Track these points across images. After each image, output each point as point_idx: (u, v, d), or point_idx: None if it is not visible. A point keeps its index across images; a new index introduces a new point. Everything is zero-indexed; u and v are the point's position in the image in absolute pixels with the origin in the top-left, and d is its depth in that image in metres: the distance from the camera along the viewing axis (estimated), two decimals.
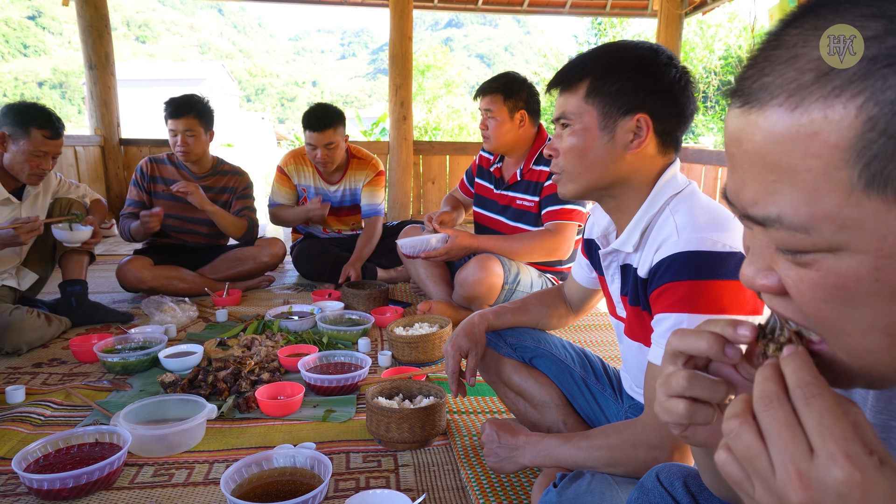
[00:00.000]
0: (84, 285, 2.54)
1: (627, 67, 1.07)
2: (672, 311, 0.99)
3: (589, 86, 1.09)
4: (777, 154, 0.41)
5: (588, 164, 1.12)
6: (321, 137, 3.09)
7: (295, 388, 1.85)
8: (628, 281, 1.17)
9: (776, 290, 0.47)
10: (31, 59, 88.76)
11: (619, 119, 1.08)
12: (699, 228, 1.00)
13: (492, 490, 1.39)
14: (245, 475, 1.34)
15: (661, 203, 1.09)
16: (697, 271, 0.97)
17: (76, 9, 5.30)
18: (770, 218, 0.43)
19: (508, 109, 2.58)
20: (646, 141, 1.08)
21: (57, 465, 1.39)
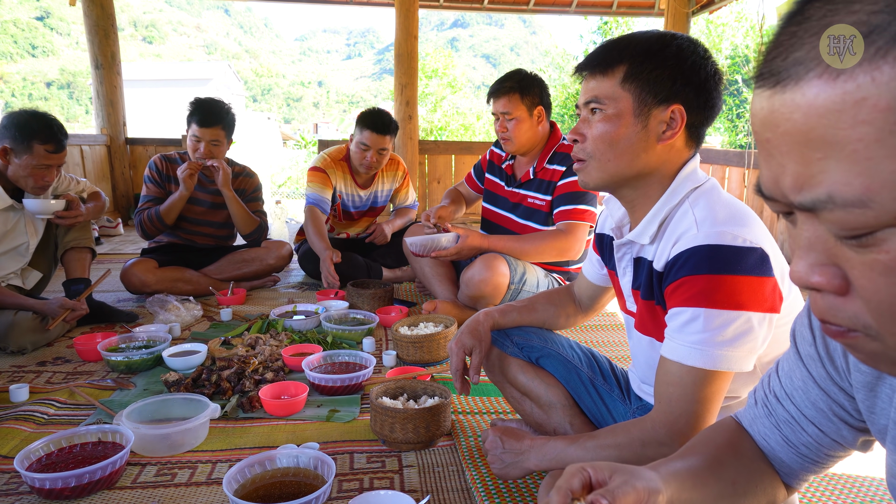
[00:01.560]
0: (87, 283, 2.54)
1: (668, 56, 1.05)
2: (689, 305, 0.98)
3: (627, 70, 1.06)
4: (822, 128, 0.38)
5: (619, 152, 1.09)
6: (379, 141, 3.12)
7: (299, 387, 1.84)
8: (641, 274, 1.15)
9: (836, 287, 0.43)
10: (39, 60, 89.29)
11: (653, 108, 1.06)
12: (719, 223, 0.99)
13: (497, 491, 1.38)
14: (248, 475, 1.33)
15: (681, 196, 1.08)
16: (716, 265, 0.95)
17: (83, 8, 5.33)
18: (820, 200, 0.40)
19: (527, 107, 2.54)
20: (678, 132, 1.07)
21: (59, 464, 1.38)
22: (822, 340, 0.68)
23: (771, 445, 0.75)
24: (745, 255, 0.95)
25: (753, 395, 0.80)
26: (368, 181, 3.41)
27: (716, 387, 0.98)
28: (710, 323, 0.95)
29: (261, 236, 3.19)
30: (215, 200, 3.08)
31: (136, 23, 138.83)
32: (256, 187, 3.23)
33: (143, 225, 2.93)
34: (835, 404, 0.68)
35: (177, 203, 2.90)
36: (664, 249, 1.06)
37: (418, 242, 2.41)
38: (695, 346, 0.97)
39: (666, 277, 1.04)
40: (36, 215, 2.43)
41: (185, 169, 2.86)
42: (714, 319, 0.95)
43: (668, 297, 1.03)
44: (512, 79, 2.57)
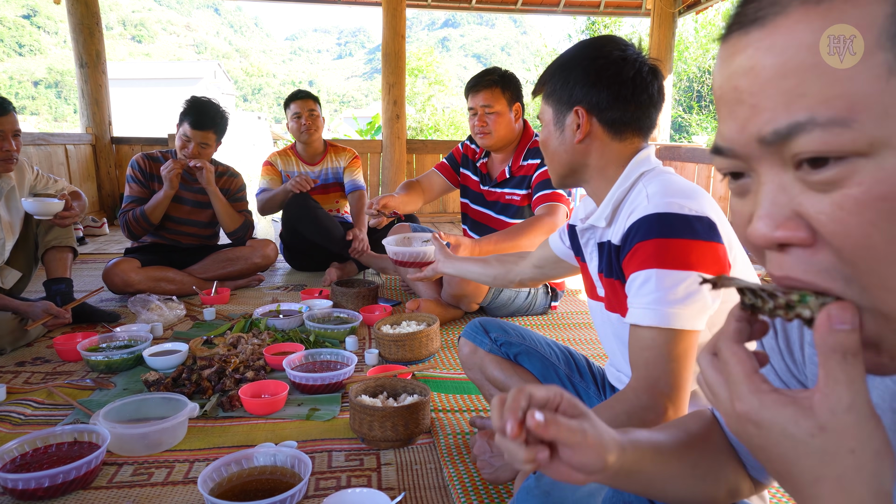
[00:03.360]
0: (69, 283, 2.52)
1: (571, 67, 1.16)
2: (642, 268, 1.03)
3: (546, 89, 1.22)
4: (802, 55, 0.38)
5: (551, 155, 1.24)
6: (304, 104, 3.52)
7: (279, 386, 1.83)
8: (604, 256, 1.20)
9: (803, 238, 0.41)
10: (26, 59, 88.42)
11: (565, 114, 1.18)
12: (668, 195, 1.05)
13: (473, 488, 1.38)
14: (224, 474, 1.32)
15: (634, 179, 1.15)
16: (665, 230, 1.01)
17: (67, 7, 5.28)
18: (799, 123, 0.39)
19: (507, 101, 2.58)
20: (588, 130, 1.16)
21: (34, 464, 1.37)
22: (782, 333, 0.69)
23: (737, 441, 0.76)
24: (692, 222, 1.01)
25: None
26: (314, 158, 3.65)
27: (683, 346, 1.00)
28: (662, 283, 1.00)
29: (245, 235, 3.18)
30: (200, 199, 3.07)
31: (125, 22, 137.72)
32: (241, 187, 3.23)
33: (129, 225, 2.92)
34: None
35: (162, 202, 2.89)
36: (620, 226, 1.12)
37: (401, 252, 2.15)
38: (649, 307, 1.01)
39: (623, 249, 1.10)
40: (35, 216, 2.42)
41: (170, 168, 2.84)
42: (665, 279, 1.00)
43: (626, 266, 1.08)
44: (493, 73, 2.60)
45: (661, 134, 6.57)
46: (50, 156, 4.88)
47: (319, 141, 3.64)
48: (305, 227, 3.29)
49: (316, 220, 3.24)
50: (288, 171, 3.62)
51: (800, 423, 0.42)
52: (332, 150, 3.71)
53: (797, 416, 0.42)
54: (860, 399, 0.41)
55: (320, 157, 3.68)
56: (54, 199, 2.38)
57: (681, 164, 6.06)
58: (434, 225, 5.54)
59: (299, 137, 3.55)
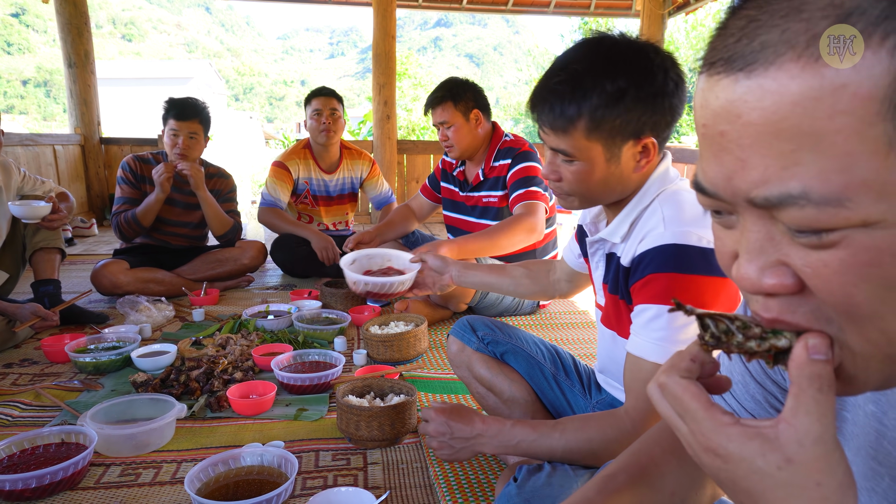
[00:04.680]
0: (57, 285, 2.52)
1: (627, 99, 1.01)
2: (654, 302, 1.00)
3: (588, 125, 1.04)
4: (796, 117, 0.35)
5: (597, 191, 1.11)
6: (327, 102, 3.32)
7: (267, 386, 1.84)
8: (611, 269, 1.17)
9: (790, 287, 0.40)
10: (14, 58, 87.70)
11: (623, 145, 1.06)
12: (684, 222, 1.01)
13: (458, 486, 1.40)
14: (211, 474, 1.34)
15: (652, 196, 1.10)
16: (681, 264, 0.98)
17: (55, 6, 5.26)
18: (790, 196, 0.37)
19: (462, 113, 2.63)
20: (653, 159, 1.08)
21: (21, 465, 1.37)
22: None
23: None
24: (708, 256, 0.97)
25: None
26: (333, 166, 3.52)
27: None
28: (673, 321, 0.98)
29: (234, 237, 3.19)
30: (190, 201, 3.08)
31: (115, 20, 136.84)
32: (231, 188, 3.24)
33: (121, 228, 2.93)
34: (770, 396, 0.71)
35: (153, 206, 2.90)
36: (631, 246, 1.09)
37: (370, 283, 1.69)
38: (657, 343, 0.99)
39: (632, 274, 1.06)
40: (23, 220, 2.41)
41: (161, 172, 2.85)
42: (677, 318, 0.97)
43: (635, 293, 1.05)
44: (443, 88, 2.66)
45: None
46: (38, 156, 4.85)
47: (337, 145, 3.50)
48: (299, 267, 3.37)
49: (310, 262, 3.25)
50: (304, 177, 3.46)
51: (766, 456, 0.41)
52: (346, 155, 3.58)
53: (763, 448, 0.41)
54: (828, 431, 0.40)
55: (337, 166, 3.54)
56: (41, 203, 2.37)
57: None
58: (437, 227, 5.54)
59: (317, 138, 3.38)
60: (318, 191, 3.51)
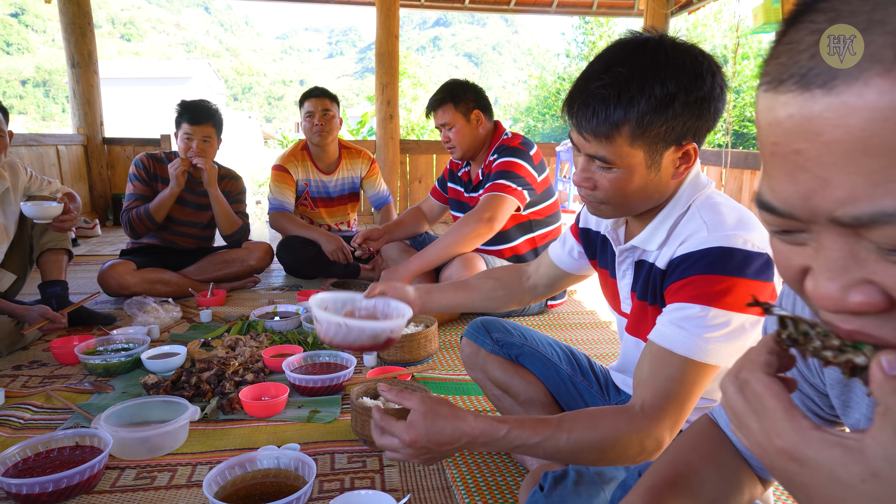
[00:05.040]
0: (64, 286, 2.51)
1: (676, 105, 0.97)
2: (696, 302, 0.98)
3: (632, 131, 0.99)
4: (886, 133, 0.34)
5: (634, 198, 1.07)
6: (319, 103, 3.30)
7: (279, 388, 1.83)
8: (641, 276, 1.15)
9: (880, 305, 0.38)
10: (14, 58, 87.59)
11: (665, 151, 1.02)
12: (729, 227, 1.00)
13: (477, 490, 1.39)
14: (228, 477, 1.33)
15: (686, 202, 1.08)
16: (728, 267, 0.97)
17: (58, 6, 5.25)
18: (885, 214, 0.35)
19: (462, 114, 2.64)
20: (692, 164, 1.05)
21: (36, 469, 1.36)
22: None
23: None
24: (753, 260, 0.97)
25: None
26: (331, 167, 3.51)
27: (702, 376, 0.98)
28: (713, 320, 0.96)
29: (242, 238, 3.19)
30: (201, 202, 3.09)
31: (114, 20, 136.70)
32: (241, 190, 3.26)
33: (132, 223, 2.92)
34: (807, 399, 0.70)
35: (167, 201, 2.90)
36: (669, 250, 1.07)
37: (335, 333, 1.23)
38: (690, 337, 0.97)
39: (670, 275, 1.05)
40: (35, 220, 2.41)
41: (177, 165, 2.87)
42: (717, 318, 0.96)
43: (672, 293, 1.03)
44: (443, 90, 2.68)
45: None
46: (41, 157, 4.84)
47: (334, 145, 3.49)
48: (304, 268, 3.34)
49: (316, 263, 3.23)
50: (303, 178, 3.47)
51: (849, 467, 0.40)
52: (345, 154, 3.57)
53: (846, 458, 0.40)
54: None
55: (335, 166, 3.54)
56: (53, 203, 2.36)
57: None
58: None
59: (311, 138, 3.40)
60: (317, 192, 3.51)
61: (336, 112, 3.38)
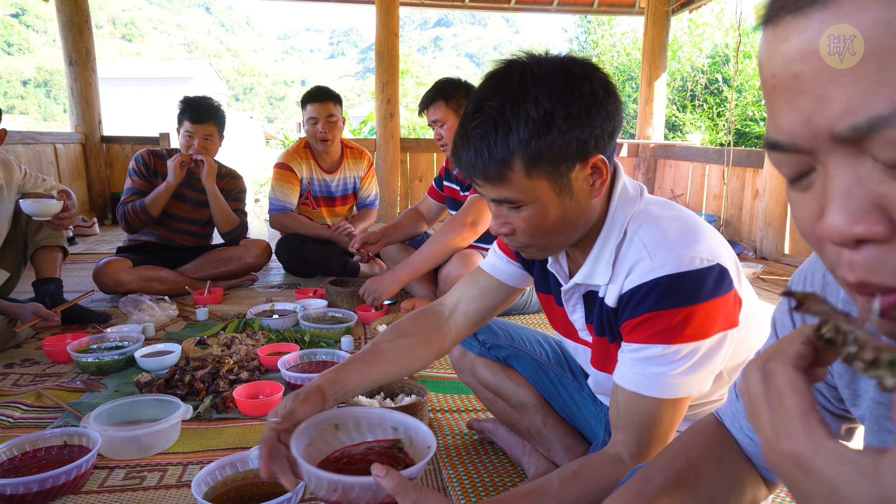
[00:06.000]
0: (59, 284, 2.48)
1: (553, 117, 0.89)
2: (653, 343, 0.91)
3: (525, 162, 0.91)
4: (878, 35, 0.34)
5: (557, 231, 0.98)
6: (322, 108, 3.21)
7: (274, 387, 1.80)
8: (594, 309, 1.06)
9: (884, 232, 0.37)
10: (14, 58, 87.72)
11: (570, 172, 0.93)
12: (673, 246, 0.91)
13: (473, 489, 1.36)
14: (219, 477, 1.29)
15: (621, 225, 0.99)
16: (679, 297, 0.89)
17: (56, 4, 5.23)
18: (880, 117, 0.35)
19: (453, 111, 2.63)
20: (607, 178, 0.96)
21: (23, 468, 1.33)
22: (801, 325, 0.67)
23: (754, 439, 0.73)
24: (705, 278, 0.90)
25: (733, 390, 0.78)
26: (334, 166, 3.46)
27: (679, 410, 0.95)
28: (677, 355, 0.91)
29: (239, 235, 3.17)
30: (201, 199, 3.07)
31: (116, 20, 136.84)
32: (241, 189, 3.24)
33: (128, 216, 2.90)
34: (818, 394, 0.68)
35: (162, 195, 2.87)
36: (615, 285, 0.99)
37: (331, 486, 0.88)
38: (657, 378, 0.92)
39: (622, 313, 0.97)
40: (34, 217, 2.37)
41: (176, 157, 2.86)
42: (678, 353, 0.91)
43: (627, 332, 0.96)
44: (434, 88, 2.68)
45: (655, 133, 6.57)
46: (39, 155, 4.82)
47: (337, 145, 3.44)
48: (303, 266, 3.31)
49: (315, 261, 3.20)
50: (306, 177, 3.40)
51: (857, 487, 0.37)
52: (348, 154, 3.51)
53: (856, 477, 0.37)
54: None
55: (338, 165, 3.48)
56: (52, 200, 2.34)
57: (675, 163, 6.07)
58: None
59: (315, 144, 3.33)
60: (319, 191, 3.47)
61: (339, 115, 3.31)
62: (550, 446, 1.37)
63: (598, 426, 1.33)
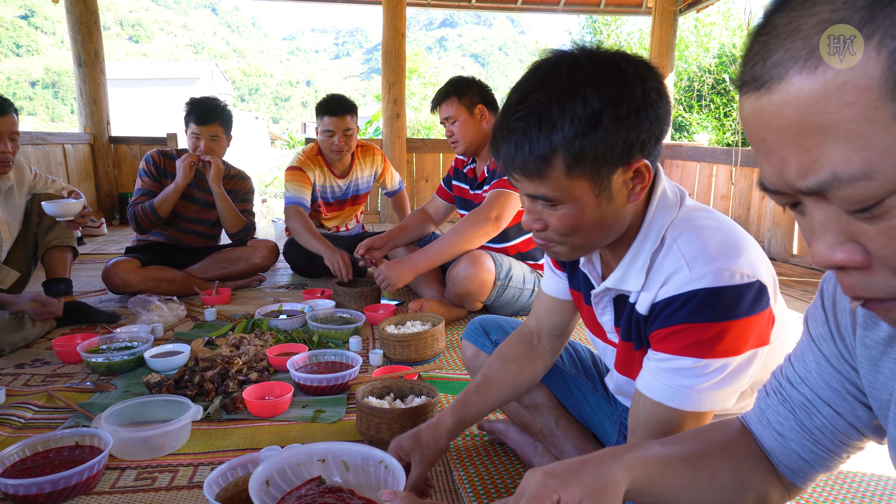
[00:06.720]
0: (69, 284, 2.49)
1: (601, 117, 0.86)
2: (683, 355, 0.89)
3: (567, 160, 0.88)
4: (813, 116, 0.41)
5: (589, 232, 0.95)
6: (340, 122, 3.15)
7: (283, 387, 1.80)
8: (623, 313, 1.05)
9: (858, 261, 0.45)
10: (23, 59, 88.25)
11: (612, 174, 0.90)
12: (713, 258, 0.88)
13: (485, 492, 1.35)
14: (230, 478, 1.29)
15: (659, 231, 0.96)
16: (716, 312, 0.86)
17: (65, 5, 5.25)
18: (826, 181, 0.42)
19: (466, 108, 2.62)
20: (648, 183, 0.93)
21: (35, 469, 1.34)
22: (833, 319, 0.69)
23: (784, 435, 0.74)
24: (744, 295, 0.87)
25: (764, 388, 0.78)
26: (346, 170, 3.43)
27: (700, 423, 0.93)
28: (704, 370, 0.89)
29: (247, 236, 3.17)
30: (209, 200, 3.08)
31: (123, 22, 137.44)
32: (249, 190, 3.25)
33: (137, 218, 2.91)
34: (848, 382, 0.69)
35: (171, 195, 2.88)
36: (649, 293, 0.96)
37: None
38: (682, 390, 0.90)
39: (653, 321, 0.95)
40: (56, 218, 2.40)
41: (185, 157, 2.86)
42: (708, 367, 0.89)
43: (657, 341, 0.94)
44: (448, 85, 2.68)
45: None
46: (48, 155, 4.84)
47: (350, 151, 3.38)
48: (311, 267, 3.31)
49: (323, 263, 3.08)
50: (321, 185, 3.35)
51: None
52: (358, 154, 3.45)
53: None
54: None
55: (349, 169, 3.44)
56: (72, 200, 2.37)
57: (682, 164, 6.04)
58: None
59: (329, 155, 3.27)
60: (332, 197, 3.44)
61: (356, 127, 3.24)
62: (563, 447, 1.36)
63: (612, 427, 1.32)
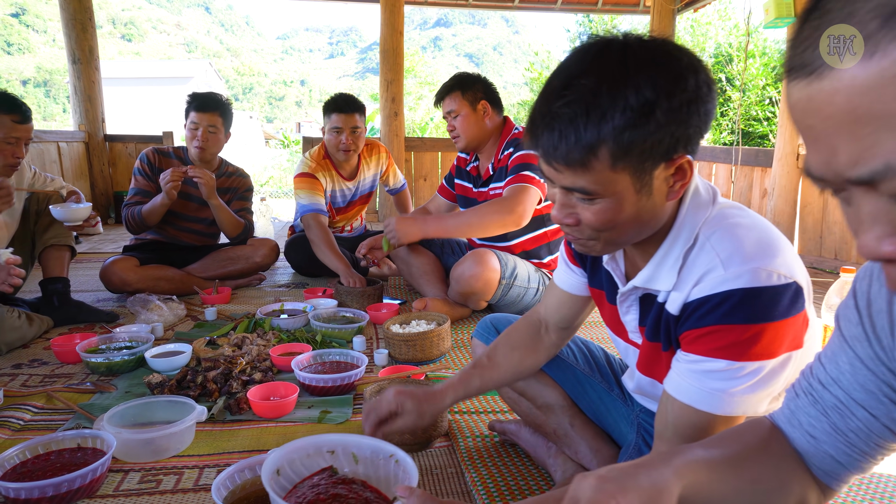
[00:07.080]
0: (66, 283, 2.45)
1: (654, 109, 0.82)
2: (717, 357, 0.86)
3: (613, 152, 0.83)
4: (866, 105, 0.40)
5: (628, 228, 0.92)
6: (348, 120, 3.10)
7: (288, 388, 1.77)
8: (649, 313, 1.01)
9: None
10: (14, 58, 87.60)
11: (654, 169, 0.86)
12: (749, 258, 0.85)
13: (498, 493, 1.33)
14: (238, 481, 1.26)
15: (692, 230, 0.93)
16: (752, 314, 0.83)
17: (59, 2, 5.19)
18: (878, 171, 0.42)
19: (469, 102, 2.62)
20: (688, 181, 0.90)
21: (36, 472, 1.30)
22: (868, 319, 0.66)
23: (816, 437, 0.71)
24: (781, 296, 0.83)
25: (793, 389, 0.75)
26: (353, 172, 3.38)
27: (730, 426, 0.89)
28: (737, 373, 0.86)
29: (247, 236, 3.14)
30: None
31: (115, 20, 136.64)
32: (248, 188, 3.22)
33: (127, 222, 2.90)
34: (884, 385, 0.66)
35: (158, 209, 2.83)
36: (680, 293, 0.93)
37: None
38: (714, 393, 0.87)
39: (684, 322, 0.92)
40: (64, 223, 2.38)
41: (167, 179, 2.74)
42: (743, 370, 0.85)
43: (689, 342, 0.91)
44: (452, 79, 2.68)
45: None
46: (42, 153, 4.78)
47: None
48: (312, 266, 3.27)
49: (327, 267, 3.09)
50: (330, 190, 3.27)
51: None
52: (364, 153, 3.39)
53: None
54: None
55: (356, 170, 3.37)
56: (81, 205, 2.35)
57: None
58: None
59: (335, 154, 3.20)
60: (341, 202, 3.40)
61: (363, 125, 3.18)
62: (578, 448, 1.34)
63: (629, 428, 1.30)
